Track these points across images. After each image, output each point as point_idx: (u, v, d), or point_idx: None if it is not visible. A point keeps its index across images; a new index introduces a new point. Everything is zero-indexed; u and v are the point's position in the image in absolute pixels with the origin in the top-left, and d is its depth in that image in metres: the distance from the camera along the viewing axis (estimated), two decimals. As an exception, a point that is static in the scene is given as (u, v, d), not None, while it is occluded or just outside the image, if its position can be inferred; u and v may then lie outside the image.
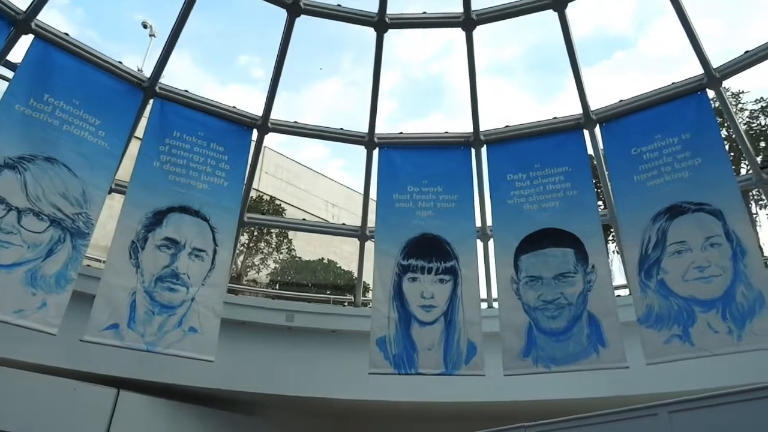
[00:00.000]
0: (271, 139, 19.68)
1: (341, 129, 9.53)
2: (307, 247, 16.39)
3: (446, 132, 9.36)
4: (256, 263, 13.63)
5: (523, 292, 7.96)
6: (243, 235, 12.89)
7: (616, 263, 12.10)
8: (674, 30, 7.98)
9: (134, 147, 8.62)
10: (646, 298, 7.36)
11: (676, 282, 7.20)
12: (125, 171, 8.56)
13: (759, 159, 10.16)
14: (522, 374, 7.67)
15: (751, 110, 11.84)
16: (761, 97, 11.94)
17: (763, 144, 12.03)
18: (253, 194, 11.70)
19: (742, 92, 11.97)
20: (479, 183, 9.28)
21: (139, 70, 8.95)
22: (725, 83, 8.19)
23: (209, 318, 7.86)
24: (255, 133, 9.28)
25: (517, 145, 8.92)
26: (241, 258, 13.10)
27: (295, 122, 9.51)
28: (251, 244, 13.63)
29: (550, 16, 8.24)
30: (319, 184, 21.50)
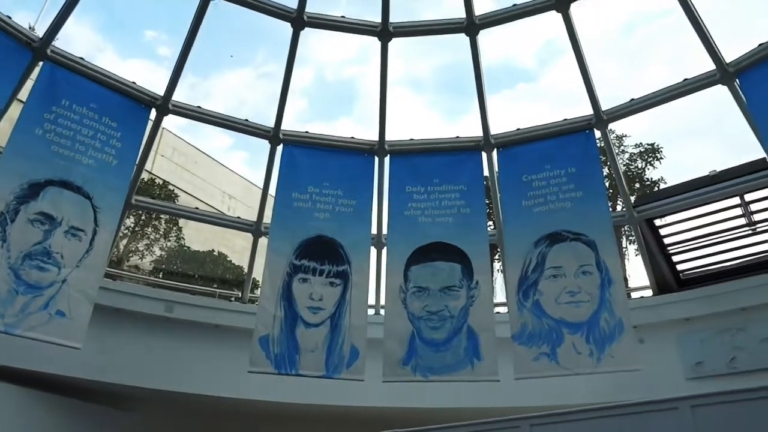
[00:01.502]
0: (171, 122, 18.85)
1: (246, 120, 9.32)
2: (198, 237, 15.82)
3: (352, 137, 9.43)
4: (141, 249, 12.95)
5: (409, 301, 8.17)
6: (129, 217, 12.20)
7: (499, 281, 12.76)
8: (572, 70, 8.61)
9: (15, 111, 7.90)
10: (521, 317, 7.81)
11: (550, 304, 7.71)
12: (2, 135, 7.83)
13: (633, 198, 11.15)
14: (400, 381, 7.85)
15: (631, 153, 13.04)
16: (641, 143, 13.22)
17: (638, 185, 13.29)
18: (145, 176, 11.12)
19: (625, 135, 13.17)
20: (379, 191, 9.43)
21: (30, 28, 8.24)
22: (611, 125, 8.92)
23: (80, 302, 7.35)
24: (153, 113, 8.84)
25: (419, 159, 9.17)
26: (125, 242, 12.39)
27: (198, 107, 9.17)
28: (137, 228, 12.93)
29: (463, 40, 8.59)
30: (218, 173, 20.85)
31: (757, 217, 8.81)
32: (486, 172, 9.38)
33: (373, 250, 9.49)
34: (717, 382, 8.32)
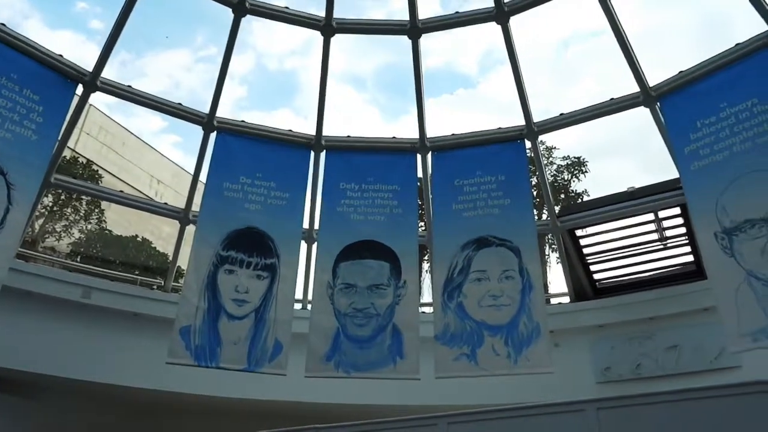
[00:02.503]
0: (99, 99, 17.98)
1: (180, 104, 9.04)
2: (121, 221, 15.20)
3: (290, 130, 9.34)
4: (58, 230, 12.31)
5: (336, 298, 8.19)
6: (47, 196, 11.57)
7: (428, 281, 12.99)
8: (509, 81, 8.86)
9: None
10: (445, 318, 7.99)
11: (472, 306, 7.94)
12: None
13: (557, 208, 11.62)
14: (322, 377, 7.86)
15: (559, 165, 13.61)
16: (568, 155, 13.82)
17: (563, 196, 13.87)
18: (67, 154, 10.58)
19: (555, 148, 13.72)
20: (313, 186, 9.41)
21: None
22: (541, 137, 9.25)
23: (-13, 283, 6.92)
24: (80, 89, 8.43)
25: (355, 157, 9.20)
26: (41, 221, 11.74)
27: (129, 87, 8.81)
28: (55, 208, 12.28)
29: (406, 42, 8.68)
30: (147, 156, 20.09)
31: (668, 233, 9.39)
32: (420, 174, 9.54)
33: (304, 245, 9.46)
34: (623, 386, 8.82)
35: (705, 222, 7.18)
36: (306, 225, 9.40)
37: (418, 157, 9.32)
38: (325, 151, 9.31)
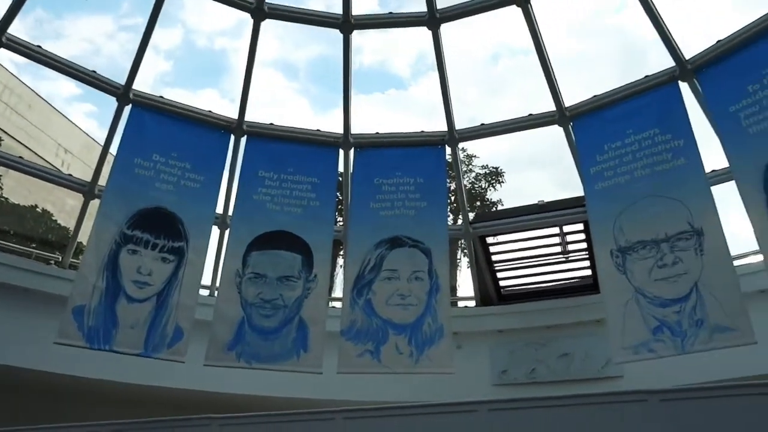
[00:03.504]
0: (6, 57, 16.69)
1: (93, 72, 8.54)
2: (20, 189, 14.19)
3: (210, 111, 9.06)
4: (-55, 193, 11.33)
5: (244, 287, 8.04)
6: (-65, 155, 10.59)
7: (341, 277, 12.99)
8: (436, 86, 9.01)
9: None
10: (352, 314, 8.04)
11: (381, 304, 8.04)
12: None
13: (472, 215, 11.96)
14: (222, 366, 7.70)
15: (477, 173, 14.03)
16: (487, 165, 14.28)
17: (479, 203, 14.34)
18: (-39, 112, 9.73)
19: (475, 156, 14.13)
20: (231, 171, 9.17)
21: None
22: (462, 144, 9.49)
23: None
24: (-19, 43, 7.79)
25: (277, 146, 9.06)
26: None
27: (39, 47, 8.24)
28: (-56, 170, 11.29)
29: (338, 35, 8.65)
30: (56, 123, 18.85)
31: (571, 247, 9.90)
32: (341, 169, 9.54)
33: (216, 231, 9.22)
34: (518, 389, 9.23)
35: (603, 239, 7.63)
36: (220, 210, 9.17)
37: (341, 152, 9.32)
38: (246, 136, 9.11)
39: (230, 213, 9.10)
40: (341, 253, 12.09)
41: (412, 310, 8.01)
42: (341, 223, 10.15)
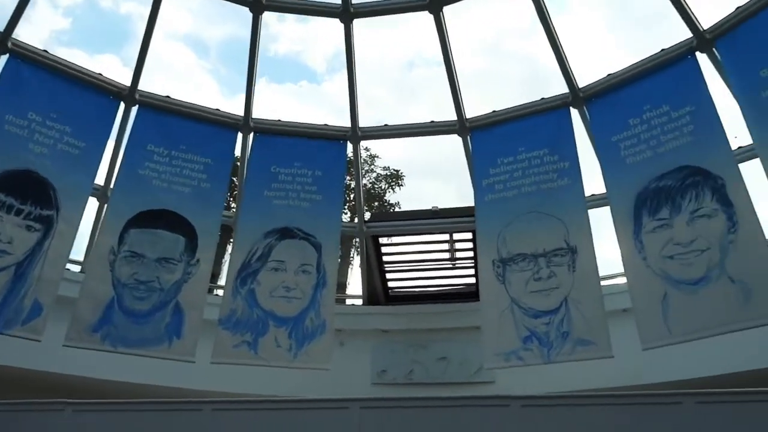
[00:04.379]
0: None
1: (-34, 13, 7.68)
2: None
3: (101, 74, 8.42)
4: None
5: (118, 265, 7.53)
6: None
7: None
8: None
9: None
10: (233, 303, 7.78)
11: (264, 295, 7.83)
12: None
13: (368, 214, 12.04)
14: (84, 348, 7.16)
15: (379, 174, 14.15)
16: (388, 166, 14.47)
17: (377, 204, 14.48)
18: None
19: (377, 157, 14.24)
20: (117, 141, 8.60)
21: None
22: (365, 143, 9.49)
23: None
24: None
25: (171, 120, 8.59)
26: None
27: None
28: None
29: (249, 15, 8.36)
30: None
31: (459, 254, 10.21)
32: (238, 153, 9.22)
33: (94, 203, 8.59)
34: (395, 389, 9.37)
35: (487, 249, 7.91)
36: (101, 181, 8.56)
37: (240, 135, 9.00)
38: (138, 106, 8.56)
39: (112, 186, 8.51)
40: (232, 240, 11.70)
41: (296, 304, 7.87)
42: (233, 208, 9.81)
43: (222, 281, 10.58)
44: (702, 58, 7.50)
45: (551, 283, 7.27)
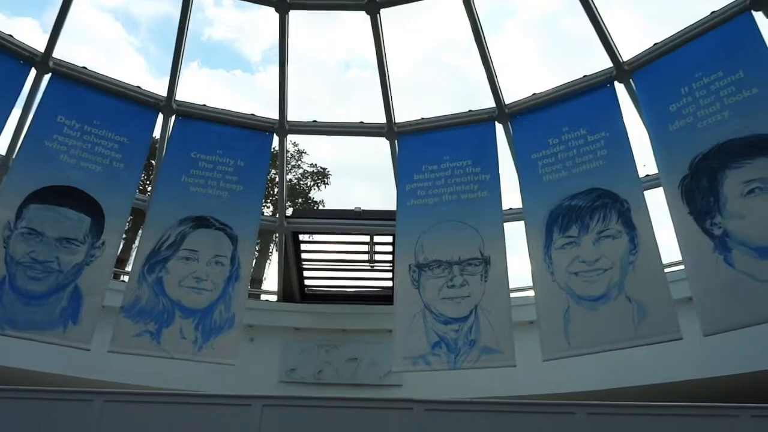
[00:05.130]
0: None
1: None
2: None
3: (11, 35, 7.80)
4: None
5: (13, 242, 7.00)
6: None
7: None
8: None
9: None
10: (139, 290, 7.42)
11: (172, 285, 7.53)
12: None
13: (290, 210, 11.87)
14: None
15: (305, 170, 13.98)
16: (315, 164, 14.32)
17: (301, 200, 14.28)
18: None
19: (305, 153, 14.07)
20: (24, 110, 8.01)
21: None
22: (296, 139, 9.34)
23: None
24: None
25: (86, 93, 8.09)
26: None
27: None
28: None
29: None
30: None
31: (378, 257, 10.25)
32: (157, 135, 8.84)
33: (-8, 173, 7.96)
34: (303, 388, 9.26)
35: (405, 253, 7.97)
36: (4, 151, 7.97)
37: (160, 116, 8.62)
38: (51, 74, 8.02)
39: (15, 156, 7.92)
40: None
41: (205, 296, 7.61)
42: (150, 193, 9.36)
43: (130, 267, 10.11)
44: (620, 88, 7.92)
45: (463, 291, 7.42)
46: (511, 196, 8.54)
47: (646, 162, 7.81)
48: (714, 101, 6.81)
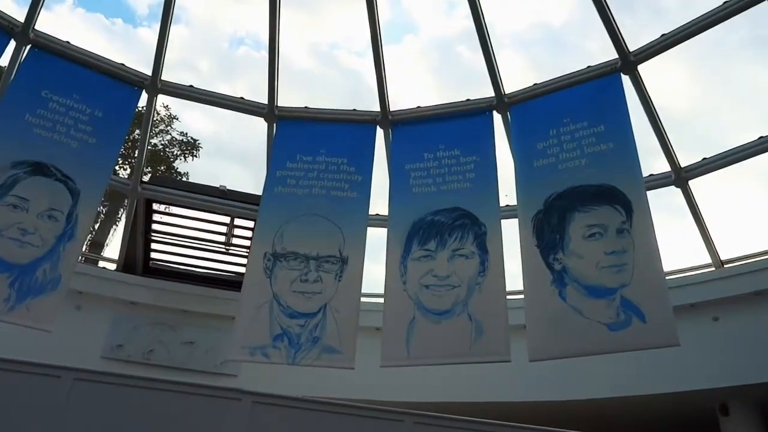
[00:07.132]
0: None
1: None
2: None
3: None
4: None
5: None
6: None
7: None
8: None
9: None
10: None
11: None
12: None
13: (149, 175, 11.01)
14: None
15: (173, 137, 13.08)
16: (186, 133, 13.40)
17: (164, 168, 13.32)
18: None
19: (176, 119, 13.16)
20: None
21: None
22: (166, 99, 8.67)
23: None
24: None
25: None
26: None
27: None
28: None
29: None
30: None
31: (236, 241, 9.81)
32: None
33: None
34: (129, 366, 8.57)
35: (263, 241, 7.69)
36: None
37: (13, 42, 7.59)
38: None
39: None
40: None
41: (29, 251, 6.76)
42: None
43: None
44: (497, 118, 8.30)
45: (316, 287, 7.30)
46: (378, 200, 8.61)
47: (508, 192, 8.26)
48: (575, 147, 7.36)
